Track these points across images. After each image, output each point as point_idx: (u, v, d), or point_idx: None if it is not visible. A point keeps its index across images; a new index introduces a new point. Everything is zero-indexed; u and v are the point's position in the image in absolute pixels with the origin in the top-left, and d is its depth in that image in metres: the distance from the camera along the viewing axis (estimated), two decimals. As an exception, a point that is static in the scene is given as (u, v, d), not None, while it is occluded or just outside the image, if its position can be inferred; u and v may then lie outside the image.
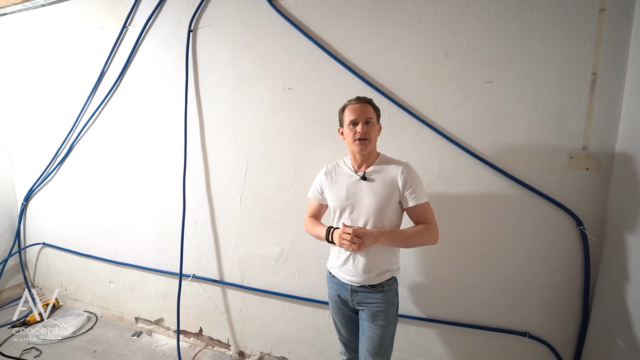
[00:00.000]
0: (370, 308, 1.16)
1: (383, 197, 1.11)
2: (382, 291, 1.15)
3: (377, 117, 1.17)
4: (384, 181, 1.12)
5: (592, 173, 1.23)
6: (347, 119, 1.14)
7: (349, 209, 1.15)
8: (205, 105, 1.80)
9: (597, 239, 1.23)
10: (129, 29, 1.94)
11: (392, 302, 1.17)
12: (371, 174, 1.15)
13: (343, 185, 1.17)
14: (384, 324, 1.14)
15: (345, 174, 1.19)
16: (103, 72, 2.04)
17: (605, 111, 1.19)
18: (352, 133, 1.12)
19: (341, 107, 1.19)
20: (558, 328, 1.34)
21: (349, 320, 1.25)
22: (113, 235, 2.20)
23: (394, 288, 1.18)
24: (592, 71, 1.19)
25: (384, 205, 1.11)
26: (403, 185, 1.11)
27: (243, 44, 1.66)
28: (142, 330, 2.17)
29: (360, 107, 1.13)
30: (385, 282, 1.15)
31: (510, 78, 1.28)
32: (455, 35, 1.32)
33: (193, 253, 1.94)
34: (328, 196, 1.22)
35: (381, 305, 1.14)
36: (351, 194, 1.15)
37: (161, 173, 1.97)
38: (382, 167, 1.15)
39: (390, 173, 1.13)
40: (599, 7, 1.16)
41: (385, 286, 1.15)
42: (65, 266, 2.44)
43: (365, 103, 1.14)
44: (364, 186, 1.14)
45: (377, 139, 1.17)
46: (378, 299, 1.14)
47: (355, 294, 1.17)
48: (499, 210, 1.34)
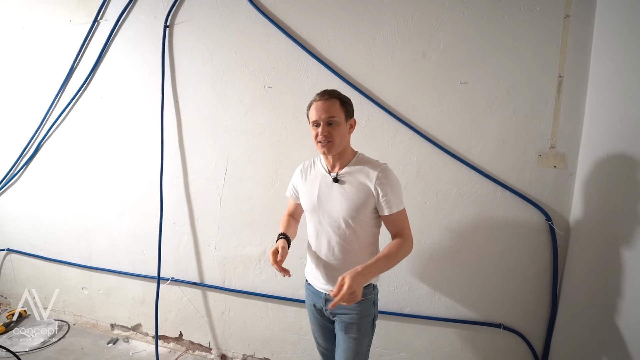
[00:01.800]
0: (342, 319, 1.08)
1: (356, 203, 1.01)
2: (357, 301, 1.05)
3: (347, 113, 1.03)
4: (358, 185, 1.02)
5: (560, 170, 1.29)
6: (311, 118, 1.02)
7: (320, 213, 1.06)
8: (183, 103, 1.75)
9: (564, 233, 1.30)
10: (100, 23, 1.86)
11: (367, 313, 1.07)
12: (344, 175, 1.05)
13: (316, 185, 1.08)
14: (356, 337, 1.07)
15: (319, 173, 1.10)
16: (73, 68, 1.94)
17: (571, 112, 1.26)
18: (314, 134, 1.01)
19: (308, 103, 1.07)
20: (530, 319, 1.40)
21: (325, 330, 1.19)
22: (86, 239, 2.10)
23: (370, 298, 1.08)
24: (558, 74, 1.25)
25: (357, 212, 1.01)
26: (377, 192, 1.00)
27: (222, 41, 1.63)
28: (118, 337, 2.09)
29: (322, 106, 1.00)
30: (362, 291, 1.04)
31: (483, 79, 1.32)
32: (432, 37, 1.35)
33: (172, 255, 1.89)
34: (300, 195, 1.14)
35: (354, 316, 1.06)
36: (322, 197, 1.06)
37: (137, 173, 1.90)
38: (357, 169, 1.04)
39: (365, 176, 1.02)
40: (564, 14, 1.22)
41: (362, 295, 1.00)
42: (33, 273, 2.31)
43: (331, 99, 1.01)
44: (336, 189, 1.04)
45: (347, 137, 1.05)
46: (351, 309, 1.05)
47: (329, 302, 1.04)
48: (474, 206, 1.39)
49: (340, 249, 1.06)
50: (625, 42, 1.06)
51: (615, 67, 1.10)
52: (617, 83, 1.09)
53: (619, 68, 1.08)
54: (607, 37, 1.14)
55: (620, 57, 1.08)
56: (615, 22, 1.11)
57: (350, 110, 1.06)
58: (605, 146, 1.12)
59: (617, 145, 1.07)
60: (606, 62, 1.15)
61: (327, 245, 1.07)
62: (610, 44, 1.13)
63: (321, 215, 1.06)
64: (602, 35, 1.17)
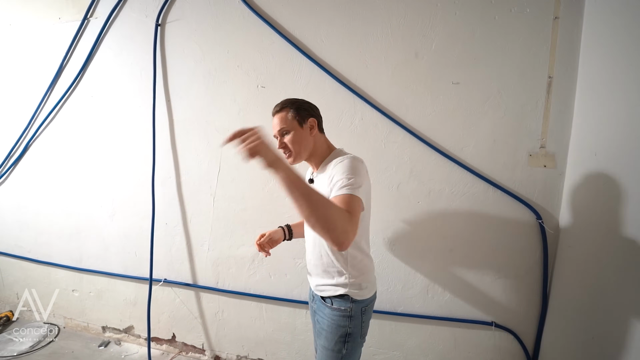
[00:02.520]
0: (318, 321, 1.05)
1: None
2: (330, 308, 1.00)
3: (300, 117, 1.01)
4: (325, 181, 0.97)
5: (549, 170, 1.31)
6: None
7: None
8: (175, 102, 1.73)
9: (553, 231, 1.32)
10: (90, 20, 1.83)
11: (338, 323, 0.98)
12: (317, 175, 1.06)
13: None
14: (325, 346, 1.00)
15: (308, 174, 1.17)
16: (62, 66, 1.90)
17: (560, 112, 1.28)
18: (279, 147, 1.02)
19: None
20: (521, 316, 1.42)
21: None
22: (76, 240, 2.07)
23: (346, 310, 0.98)
24: (548, 75, 1.27)
25: None
26: (331, 178, 0.91)
27: (214, 40, 1.62)
28: (109, 340, 2.06)
29: (274, 121, 1.03)
30: (335, 299, 0.99)
31: (475, 80, 1.33)
32: (424, 37, 1.36)
33: (164, 256, 1.87)
34: None
35: (325, 322, 1.00)
36: None
37: (128, 174, 1.87)
38: (327, 166, 1.00)
39: (329, 170, 0.96)
40: (553, 15, 1.24)
41: (335, 304, 0.99)
42: (21, 275, 2.26)
43: (280, 112, 1.02)
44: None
45: (310, 139, 1.02)
46: (325, 315, 1.01)
47: (314, 300, 1.08)
48: (466, 205, 1.40)
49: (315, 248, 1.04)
50: (612, 43, 1.08)
51: (603, 68, 1.12)
52: (605, 84, 1.11)
53: (607, 69, 1.10)
54: (595, 39, 1.16)
55: (608, 59, 1.10)
56: (603, 24, 1.13)
57: (304, 114, 1.02)
58: (593, 146, 1.14)
59: (604, 144, 1.09)
60: (594, 63, 1.17)
61: (312, 241, 1.07)
62: (599, 46, 1.15)
63: None
64: (591, 36, 1.19)
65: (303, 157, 1.04)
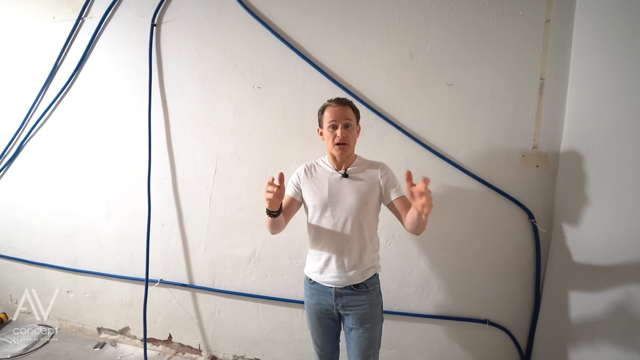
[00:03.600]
0: (356, 312, 1.14)
1: (366, 193, 1.13)
2: (366, 292, 1.14)
3: (357, 119, 1.17)
4: (366, 178, 1.14)
5: (542, 170, 1.33)
6: (327, 121, 1.13)
7: (332, 207, 1.14)
8: (171, 103, 1.73)
9: (545, 230, 1.34)
10: (85, 20, 1.82)
11: (377, 301, 1.17)
12: (352, 172, 1.16)
13: (325, 183, 1.16)
14: (370, 326, 1.14)
15: (326, 171, 1.19)
16: (56, 66, 1.89)
17: (552, 113, 1.30)
18: (332, 137, 1.12)
19: (320, 107, 1.18)
20: (514, 314, 1.44)
21: (327, 329, 1.21)
22: (71, 241, 2.05)
23: (377, 287, 1.18)
24: (540, 76, 1.29)
25: (367, 201, 1.12)
26: (385, 182, 1.14)
27: (210, 41, 1.62)
28: (105, 341, 2.05)
29: (339, 110, 1.12)
30: (369, 281, 1.15)
31: (469, 81, 1.35)
32: (419, 39, 1.38)
33: (160, 257, 1.86)
34: (306, 193, 1.18)
35: (367, 307, 1.14)
36: (334, 192, 1.14)
37: (124, 174, 1.86)
38: (361, 167, 1.17)
39: (370, 172, 1.16)
40: (545, 18, 1.26)
41: (369, 286, 1.15)
42: (14, 277, 2.24)
43: (346, 105, 1.14)
44: (346, 184, 1.15)
45: (356, 141, 1.18)
46: (363, 300, 1.14)
47: (340, 297, 1.14)
48: (460, 205, 1.42)
49: (349, 238, 1.13)
50: (602, 46, 1.10)
51: (593, 70, 1.15)
52: (595, 85, 1.13)
53: (597, 71, 1.12)
54: (586, 41, 1.19)
55: (598, 61, 1.12)
56: (593, 26, 1.15)
57: (358, 117, 1.19)
58: (584, 146, 1.17)
59: (594, 145, 1.11)
60: (585, 66, 1.19)
61: (340, 235, 1.13)
62: (589, 48, 1.17)
63: (332, 209, 1.14)
64: (581, 39, 1.21)
65: (349, 153, 1.16)
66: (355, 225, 1.12)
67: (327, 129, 1.13)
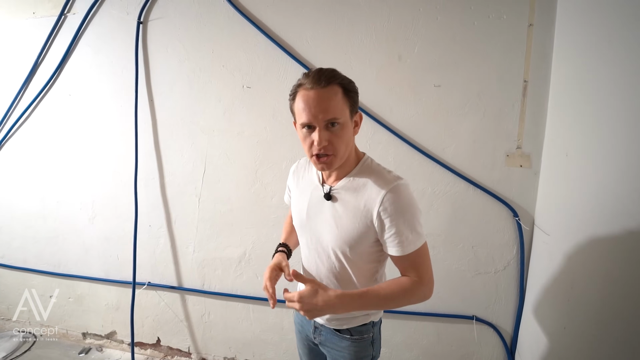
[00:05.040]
0: (332, 354, 0.88)
1: (350, 233, 0.74)
2: (350, 340, 0.83)
3: (352, 106, 0.73)
4: (355, 210, 0.73)
5: (525, 170, 1.38)
6: (298, 118, 0.71)
7: (308, 235, 0.83)
8: (158, 102, 1.70)
9: (529, 228, 1.39)
10: (67, 16, 1.76)
11: (362, 355, 0.84)
12: (339, 191, 0.76)
13: (306, 197, 0.83)
14: None
15: (311, 181, 0.84)
16: (37, 63, 1.83)
17: (535, 115, 1.34)
18: (308, 143, 0.70)
19: (292, 87, 0.75)
20: (500, 310, 1.48)
21: (311, 352, 0.99)
22: (54, 244, 1.99)
23: (368, 337, 0.84)
24: (523, 79, 1.33)
25: (351, 244, 0.75)
26: (380, 224, 0.71)
27: (198, 40, 1.60)
28: (90, 347, 2.00)
29: (317, 99, 0.67)
30: (356, 329, 0.83)
31: (456, 83, 1.38)
32: (407, 40, 1.40)
33: (148, 259, 1.83)
34: (292, 202, 0.90)
35: (345, 356, 0.84)
36: (312, 214, 0.80)
37: (109, 175, 1.82)
38: (357, 184, 0.75)
39: (365, 197, 0.72)
40: (528, 23, 1.30)
41: (355, 334, 0.83)
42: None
43: (330, 86, 0.69)
44: (327, 209, 0.77)
45: (353, 140, 0.76)
46: (344, 348, 0.84)
47: (319, 331, 0.89)
48: (447, 204, 1.45)
49: (329, 283, 0.81)
50: (582, 49, 1.14)
51: (574, 73, 1.19)
52: (575, 88, 1.18)
53: (578, 74, 1.17)
54: (567, 45, 1.23)
55: (579, 64, 1.16)
56: (574, 31, 1.20)
57: (356, 100, 0.74)
58: (565, 146, 1.21)
59: (575, 145, 1.16)
60: (566, 68, 1.24)
61: (316, 273, 0.84)
62: (570, 52, 1.22)
63: (309, 237, 0.83)
64: (562, 43, 1.25)
65: (339, 164, 0.74)
66: (334, 268, 0.80)
67: (299, 128, 0.72)
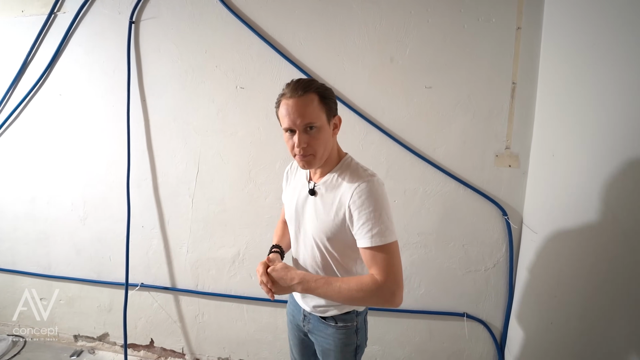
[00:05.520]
0: (319, 341, 0.94)
1: (327, 224, 0.82)
2: (335, 327, 0.90)
3: (329, 111, 0.81)
4: (331, 204, 0.81)
5: (514, 169, 1.41)
6: (282, 123, 0.80)
7: (296, 228, 0.91)
8: (151, 102, 1.69)
9: (517, 226, 1.42)
10: (57, 15, 1.74)
11: (347, 342, 0.90)
12: (320, 187, 0.85)
13: (296, 193, 0.92)
14: None
15: (301, 179, 0.94)
16: (26, 62, 1.80)
17: (523, 116, 1.37)
18: (290, 145, 0.80)
19: (277, 96, 0.83)
20: (490, 307, 1.51)
21: (301, 343, 1.05)
22: (45, 245, 1.96)
23: (351, 326, 0.90)
24: (512, 80, 1.36)
25: (330, 235, 0.82)
26: (350, 216, 0.78)
27: (191, 40, 1.59)
28: (82, 349, 1.98)
29: (295, 106, 0.76)
30: (340, 317, 0.89)
31: (446, 84, 1.41)
32: (399, 42, 1.42)
33: (141, 260, 1.82)
34: (284, 200, 1.00)
35: (331, 343, 0.90)
36: (299, 209, 0.90)
37: (101, 176, 1.80)
38: (335, 181, 0.83)
39: (341, 192, 0.80)
40: (516, 26, 1.33)
41: (340, 321, 0.89)
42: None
43: (306, 94, 0.76)
44: (310, 203, 0.86)
45: (332, 141, 0.84)
46: (329, 335, 0.90)
47: (307, 320, 0.95)
48: (438, 203, 1.47)
49: (317, 270, 0.88)
50: (569, 52, 1.18)
51: (560, 75, 1.22)
52: (562, 89, 1.21)
53: (564, 76, 1.20)
54: (553, 48, 1.27)
55: (565, 66, 1.19)
56: (560, 34, 1.23)
57: (333, 107, 0.83)
58: (552, 147, 1.24)
59: (561, 146, 1.19)
60: (553, 71, 1.27)
61: (302, 262, 0.93)
62: (556, 54, 1.25)
63: (298, 229, 0.92)
64: (549, 46, 1.29)
65: (321, 163, 0.83)
66: (317, 259, 0.88)
67: (284, 132, 0.81)
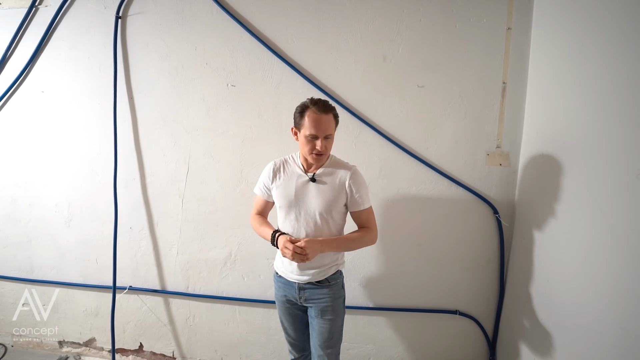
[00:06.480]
0: (318, 304, 1.19)
1: (330, 199, 1.13)
2: (328, 286, 1.18)
3: (336, 125, 1.14)
4: (332, 184, 1.14)
5: (504, 168, 1.43)
6: (307, 130, 1.07)
7: (296, 209, 1.15)
8: (139, 100, 1.64)
9: (508, 224, 1.44)
10: (39, 8, 1.67)
11: (338, 295, 1.21)
12: (320, 175, 1.15)
13: (292, 184, 1.16)
14: (332, 318, 1.19)
15: (295, 172, 1.18)
16: (5, 58, 1.72)
17: (513, 115, 1.39)
18: (310, 146, 1.09)
19: (300, 107, 1.11)
20: (482, 304, 1.53)
21: (295, 319, 1.27)
22: (27, 249, 1.88)
23: (339, 282, 1.23)
24: (502, 80, 1.38)
25: (331, 207, 1.14)
26: (350, 190, 1.14)
27: (181, 36, 1.56)
28: (68, 355, 1.91)
29: (322, 121, 1.07)
30: (331, 277, 1.19)
31: (439, 84, 1.41)
32: (391, 42, 1.42)
33: (129, 263, 1.77)
34: (275, 193, 1.20)
35: (328, 299, 1.18)
36: (299, 195, 1.15)
37: (87, 176, 1.74)
38: (331, 170, 1.16)
39: (339, 176, 1.15)
40: (506, 26, 1.35)
41: (331, 280, 1.19)
42: (-41, 290, 2.02)
43: (329, 114, 1.09)
44: (312, 188, 1.15)
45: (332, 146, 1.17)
46: (325, 294, 1.18)
47: (303, 291, 1.19)
48: (431, 202, 1.48)
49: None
50: (557, 52, 1.20)
51: (549, 75, 1.24)
52: (551, 89, 1.23)
53: (553, 76, 1.22)
54: (542, 49, 1.29)
55: (554, 66, 1.22)
56: (549, 34, 1.25)
57: (338, 123, 1.16)
58: (541, 146, 1.26)
59: (551, 144, 1.21)
60: (542, 71, 1.29)
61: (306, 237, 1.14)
62: (545, 54, 1.27)
63: (297, 211, 1.15)
64: (538, 46, 1.31)
65: (326, 158, 1.18)
66: (318, 229, 1.14)
67: (305, 136, 1.09)
